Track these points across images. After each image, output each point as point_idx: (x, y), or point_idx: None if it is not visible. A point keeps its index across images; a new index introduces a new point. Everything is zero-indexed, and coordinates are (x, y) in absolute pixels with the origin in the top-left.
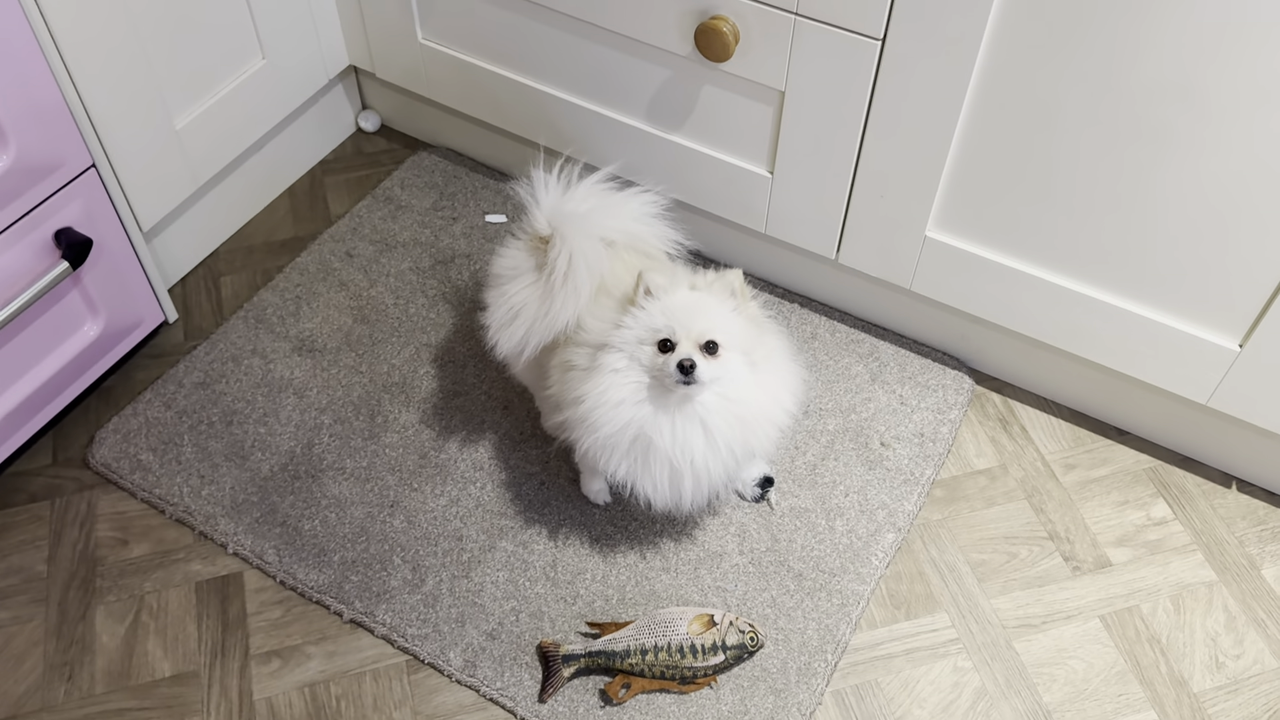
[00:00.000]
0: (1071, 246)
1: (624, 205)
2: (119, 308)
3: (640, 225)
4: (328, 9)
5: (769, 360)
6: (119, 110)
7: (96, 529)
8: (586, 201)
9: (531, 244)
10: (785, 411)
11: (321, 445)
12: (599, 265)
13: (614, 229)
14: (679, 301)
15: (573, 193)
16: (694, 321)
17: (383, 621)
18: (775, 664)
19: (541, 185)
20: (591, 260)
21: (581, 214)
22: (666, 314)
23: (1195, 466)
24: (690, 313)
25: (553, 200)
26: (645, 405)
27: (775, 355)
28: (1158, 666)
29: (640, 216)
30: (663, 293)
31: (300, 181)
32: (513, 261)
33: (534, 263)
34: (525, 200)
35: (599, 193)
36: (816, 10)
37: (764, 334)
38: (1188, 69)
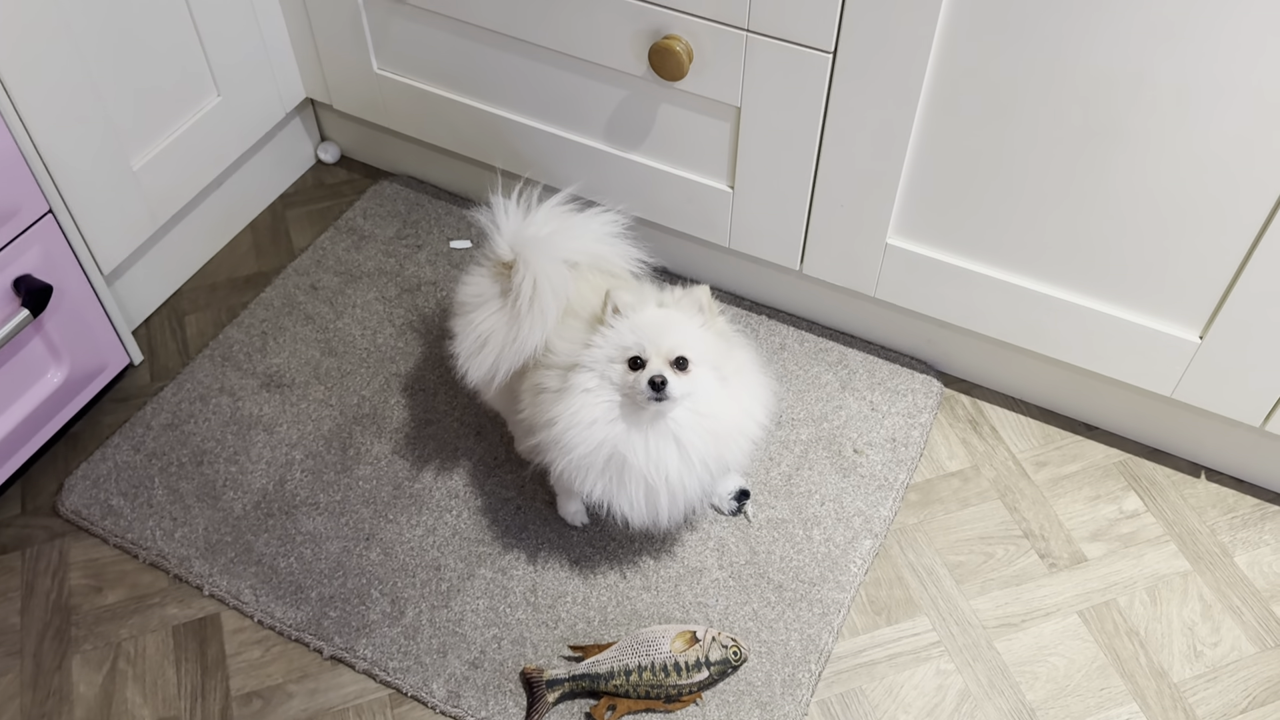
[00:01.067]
0: (1030, 247)
1: (585, 226)
2: (83, 352)
3: (602, 245)
4: (282, 43)
5: (739, 374)
6: (74, 154)
7: (69, 577)
8: (547, 225)
9: (495, 270)
10: (757, 423)
11: (294, 481)
12: (564, 288)
13: (576, 251)
14: (647, 319)
15: (533, 217)
16: (663, 338)
17: (363, 656)
18: (760, 677)
19: (501, 211)
20: (556, 283)
21: (543, 238)
22: (635, 331)
23: (1164, 458)
24: (659, 329)
25: (513, 225)
26: (618, 424)
27: (745, 368)
28: (1137, 659)
29: (601, 237)
30: (631, 311)
31: (262, 216)
32: (477, 289)
33: (499, 289)
34: (486, 227)
35: (559, 215)
36: (767, 26)
37: (733, 348)
38: (1137, 65)
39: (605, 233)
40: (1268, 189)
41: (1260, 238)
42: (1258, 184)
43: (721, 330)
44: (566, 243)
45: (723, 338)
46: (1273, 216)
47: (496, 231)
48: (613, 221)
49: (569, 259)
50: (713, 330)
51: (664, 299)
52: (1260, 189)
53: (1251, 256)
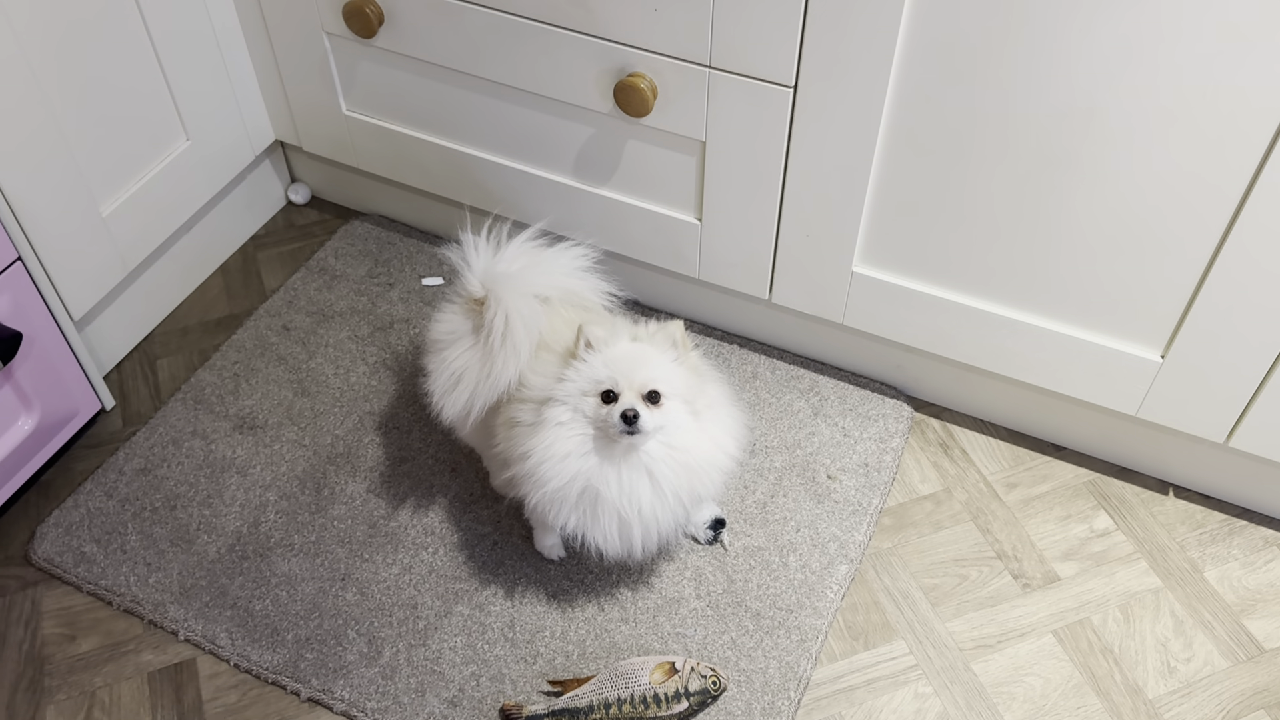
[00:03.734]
0: (993, 272)
1: (555, 261)
2: (54, 399)
3: (573, 280)
4: (250, 87)
5: (711, 408)
6: (42, 201)
7: (42, 626)
8: (517, 261)
9: (467, 307)
10: (729, 456)
11: (268, 523)
12: (536, 322)
13: (547, 286)
14: (620, 353)
15: (503, 253)
16: (635, 372)
17: (341, 698)
18: (739, 706)
19: (471, 248)
20: (528, 318)
21: (513, 273)
22: (608, 365)
23: (1132, 476)
24: (631, 363)
25: (484, 262)
26: (591, 457)
27: (717, 402)
28: (1112, 676)
29: (572, 271)
30: (603, 345)
31: (232, 258)
32: (449, 326)
33: (471, 325)
34: (457, 264)
35: (529, 251)
36: (729, 62)
37: (705, 382)
38: (1087, 100)
39: (575, 267)
40: (1220, 210)
41: (1215, 257)
42: (1210, 206)
43: (694, 365)
44: (537, 278)
45: (695, 372)
46: (1226, 236)
47: (467, 268)
48: (582, 255)
49: (540, 294)
50: (686, 365)
51: (638, 333)
52: (1213, 210)
53: (1208, 276)
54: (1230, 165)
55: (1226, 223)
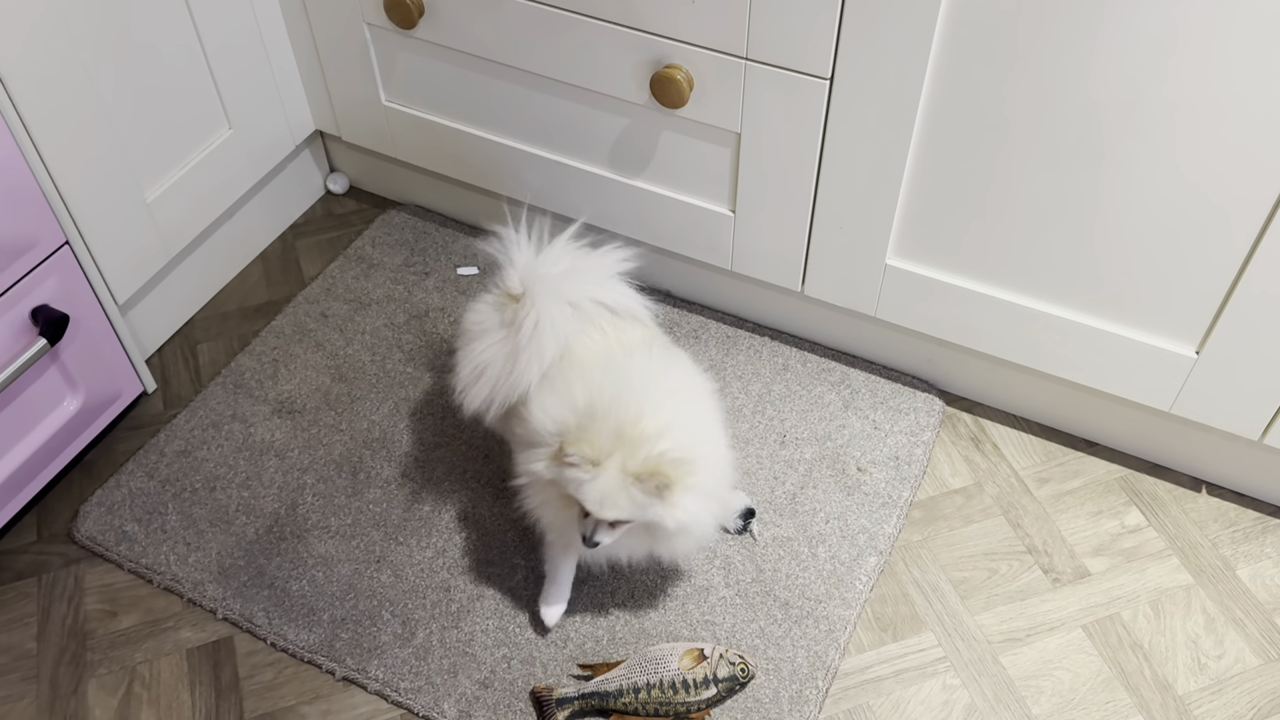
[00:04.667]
0: (1027, 265)
1: (596, 269)
2: (98, 381)
3: (611, 292)
4: (291, 76)
5: (685, 507)
6: (90, 187)
7: (85, 602)
8: (560, 263)
9: (501, 299)
10: (696, 542)
11: (305, 505)
12: (564, 330)
13: (584, 295)
14: (593, 493)
15: (547, 252)
16: (604, 511)
17: (375, 677)
18: (768, 694)
19: (515, 242)
20: (558, 324)
21: (554, 276)
22: (581, 497)
23: (1165, 473)
24: (601, 504)
25: (526, 258)
26: (558, 512)
27: (698, 503)
28: (1142, 672)
29: (611, 282)
30: (582, 472)
31: (272, 246)
32: (481, 317)
33: (501, 319)
34: (498, 256)
35: (573, 253)
36: (766, 54)
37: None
38: (1128, 89)
39: (616, 277)
40: (1259, 204)
41: (1253, 253)
42: (1249, 200)
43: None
44: (576, 286)
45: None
46: (1264, 232)
47: (509, 263)
48: (623, 262)
49: (576, 302)
50: (667, 498)
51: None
52: (1252, 204)
53: (1245, 271)
54: (1271, 159)
55: (1264, 218)
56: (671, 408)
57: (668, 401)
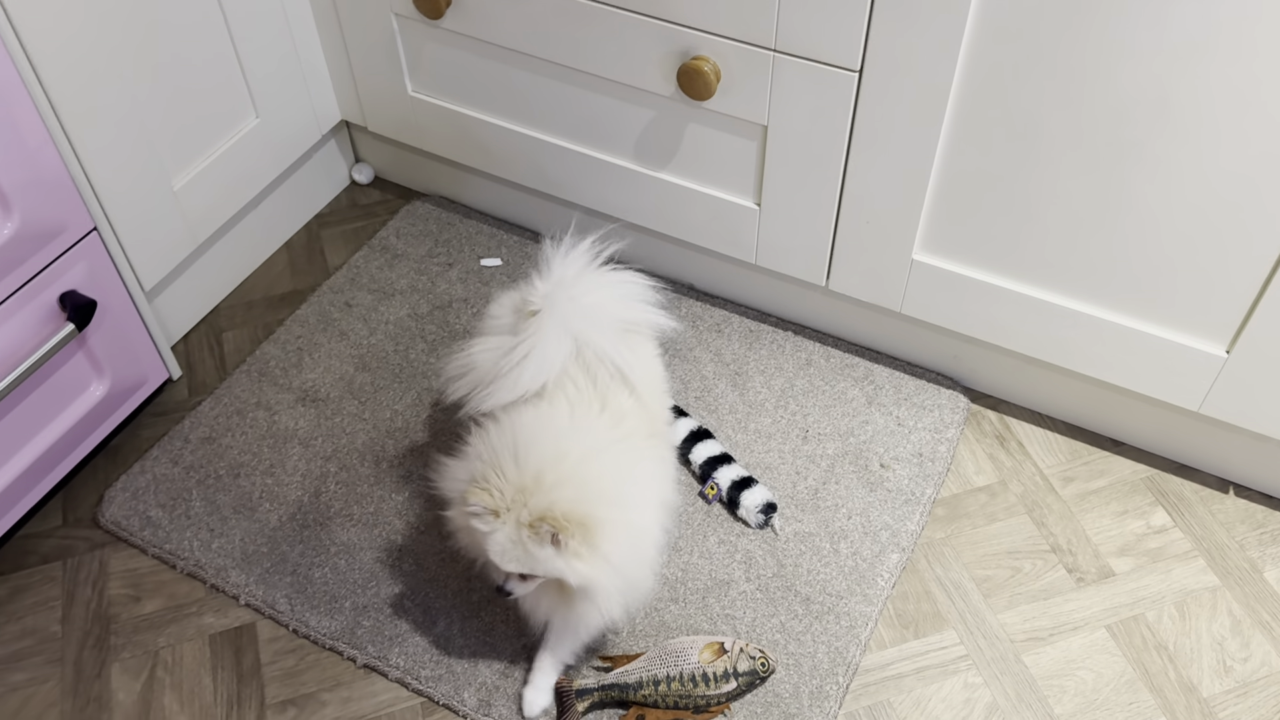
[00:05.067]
0: (1056, 262)
1: (621, 311)
2: (124, 367)
3: (621, 353)
4: (318, 66)
5: (585, 563)
6: (118, 174)
7: (109, 587)
8: (587, 294)
9: (518, 305)
10: (601, 614)
11: (328, 493)
12: (548, 371)
13: (595, 337)
14: (494, 545)
15: (577, 281)
16: (505, 564)
17: (396, 665)
18: (787, 689)
19: (552, 257)
20: (545, 364)
21: (572, 309)
22: (484, 546)
23: (1192, 473)
24: (501, 556)
25: (556, 279)
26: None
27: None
28: (1166, 673)
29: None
30: (484, 518)
31: (297, 235)
32: (500, 312)
33: (513, 323)
34: (534, 264)
35: (603, 285)
36: (794, 46)
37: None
38: (1159, 86)
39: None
40: None
41: None
42: None
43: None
44: (591, 332)
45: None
46: None
47: (539, 276)
48: (651, 296)
49: (586, 342)
50: (571, 552)
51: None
52: None
53: (1278, 270)
54: None
55: None
56: (581, 466)
57: (580, 461)
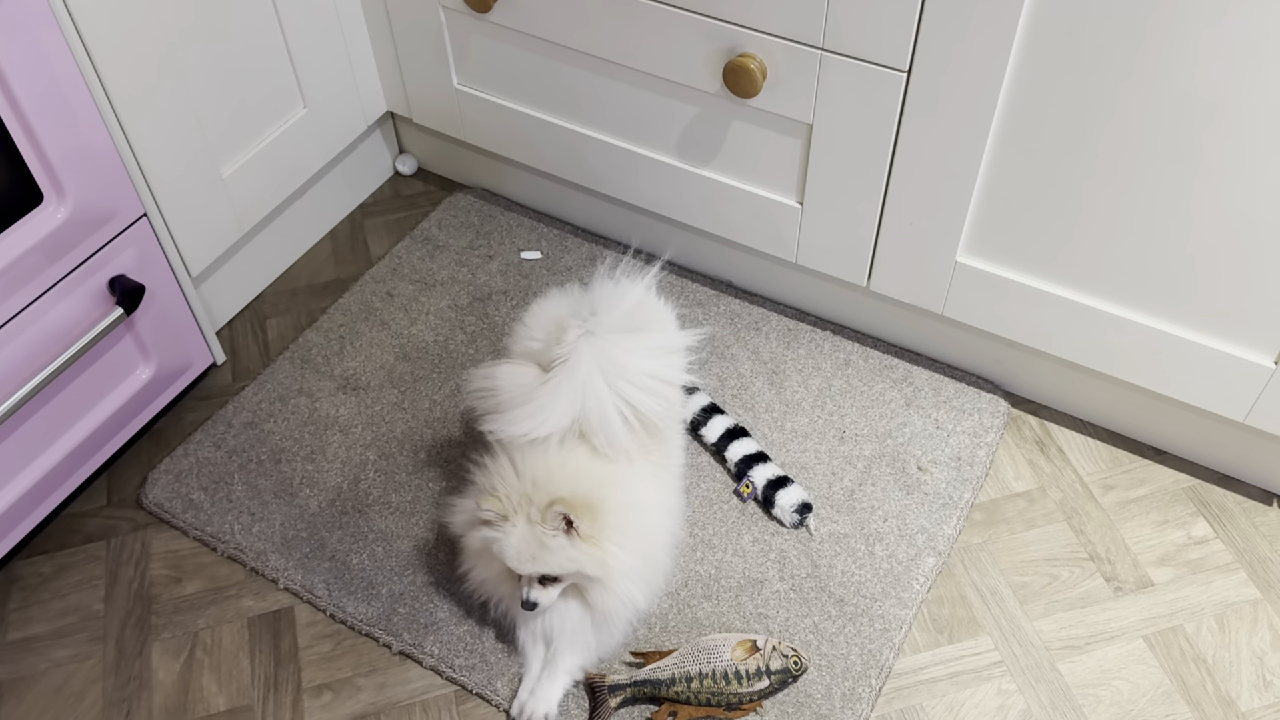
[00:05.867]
0: (1102, 268)
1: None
2: (170, 351)
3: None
4: (366, 58)
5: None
6: (169, 161)
7: (151, 567)
8: (623, 348)
9: (555, 324)
10: (623, 601)
11: (368, 481)
12: (562, 426)
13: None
14: (509, 548)
15: (622, 325)
16: (522, 567)
17: (431, 653)
18: (819, 690)
19: (600, 287)
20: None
21: (605, 364)
22: (501, 554)
23: (1235, 484)
24: (519, 558)
25: (600, 313)
26: (504, 584)
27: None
28: (1204, 686)
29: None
30: (496, 523)
31: (341, 225)
32: (534, 326)
33: (542, 348)
34: (580, 287)
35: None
36: (842, 45)
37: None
38: (1214, 89)
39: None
40: None
41: None
42: None
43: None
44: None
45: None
46: None
47: (582, 304)
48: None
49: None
50: (584, 543)
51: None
52: None
53: None
54: None
55: None
56: (578, 471)
57: (577, 468)
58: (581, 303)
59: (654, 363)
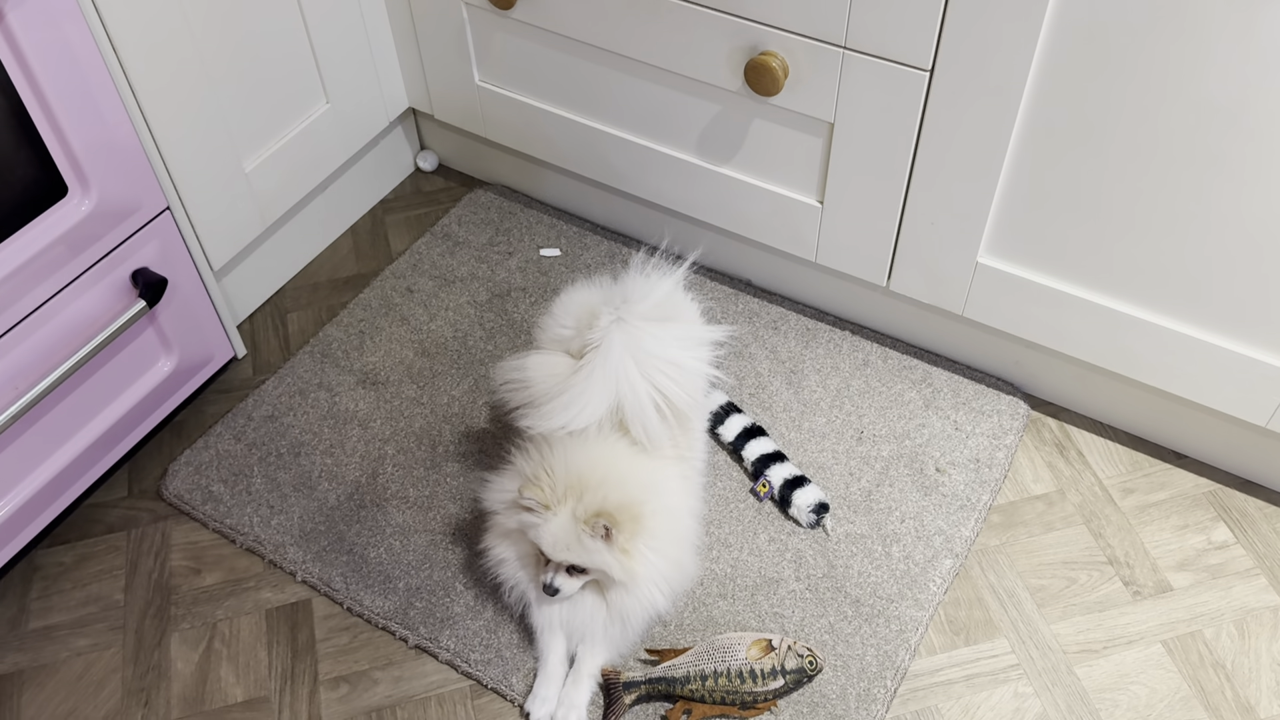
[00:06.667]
0: (1124, 270)
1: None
2: (191, 344)
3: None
4: (388, 54)
5: (633, 555)
6: (192, 155)
7: (170, 558)
8: (655, 338)
9: (585, 313)
10: (643, 603)
11: (385, 475)
12: (598, 416)
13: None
14: (546, 536)
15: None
16: (556, 554)
17: (447, 647)
18: (834, 690)
19: (632, 278)
20: (597, 410)
21: (636, 351)
22: (538, 539)
23: (1256, 489)
24: (554, 546)
25: (631, 301)
26: (524, 570)
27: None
28: (1223, 692)
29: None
30: (537, 511)
31: (362, 220)
32: (564, 315)
33: (572, 335)
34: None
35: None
36: (865, 44)
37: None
38: (1240, 93)
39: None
40: None
41: None
42: None
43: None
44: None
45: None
46: None
47: (616, 288)
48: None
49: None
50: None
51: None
52: None
53: None
54: None
55: None
56: (615, 467)
57: (613, 463)
58: (612, 292)
59: (683, 352)
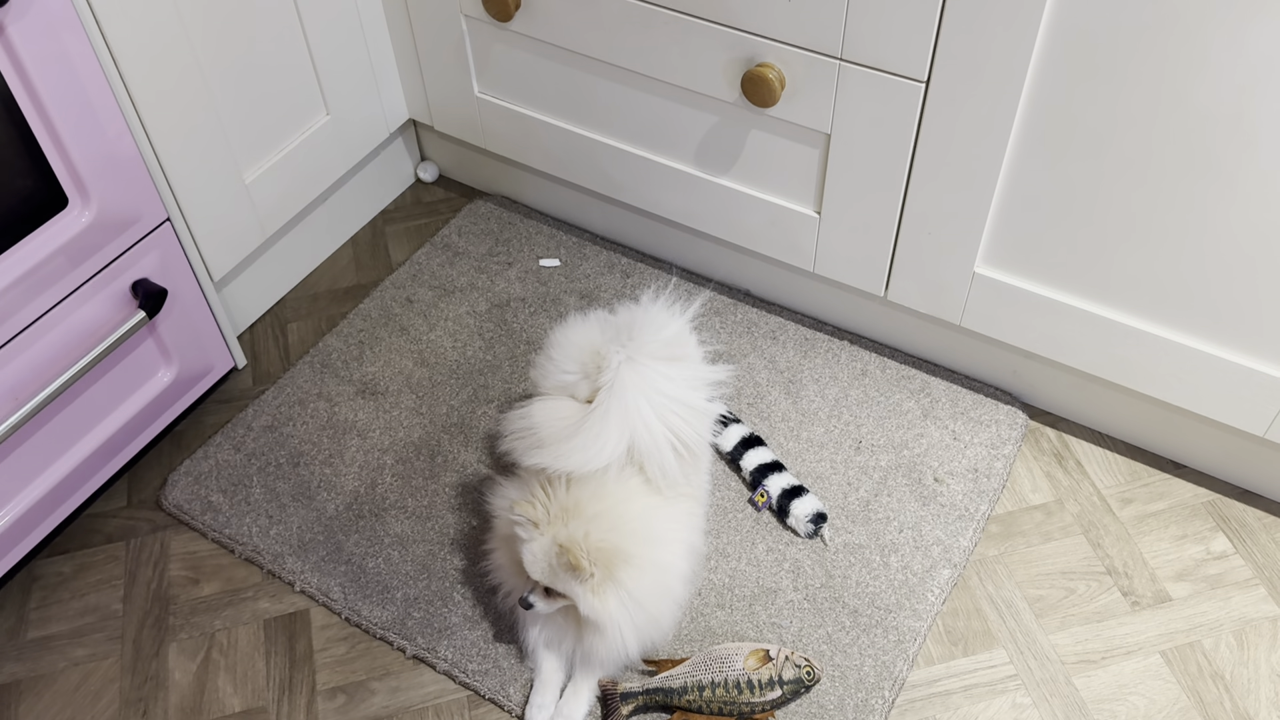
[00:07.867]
0: (1121, 280)
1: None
2: (191, 355)
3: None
4: (388, 66)
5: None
6: (193, 166)
7: (169, 568)
8: (662, 380)
9: (589, 354)
10: (609, 649)
11: (384, 485)
12: (610, 459)
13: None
14: (527, 552)
15: (660, 355)
16: (534, 573)
17: (444, 657)
18: (832, 701)
19: (642, 312)
20: (609, 454)
21: (645, 394)
22: (520, 554)
23: (1255, 499)
24: (531, 564)
25: (638, 342)
26: (515, 578)
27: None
28: (1222, 703)
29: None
30: (525, 527)
31: (362, 231)
32: (565, 360)
33: (576, 380)
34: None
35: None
36: (861, 55)
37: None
38: (1235, 100)
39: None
40: None
41: None
42: None
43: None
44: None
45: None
46: None
47: (624, 326)
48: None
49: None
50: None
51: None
52: None
53: None
54: None
55: None
56: (619, 505)
57: (619, 501)
58: (614, 328)
59: (692, 394)
